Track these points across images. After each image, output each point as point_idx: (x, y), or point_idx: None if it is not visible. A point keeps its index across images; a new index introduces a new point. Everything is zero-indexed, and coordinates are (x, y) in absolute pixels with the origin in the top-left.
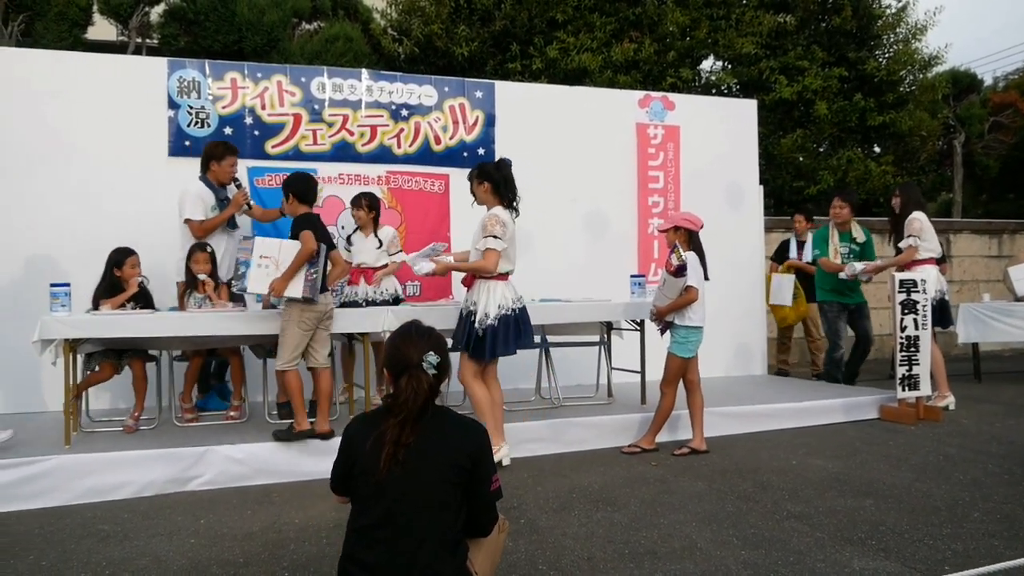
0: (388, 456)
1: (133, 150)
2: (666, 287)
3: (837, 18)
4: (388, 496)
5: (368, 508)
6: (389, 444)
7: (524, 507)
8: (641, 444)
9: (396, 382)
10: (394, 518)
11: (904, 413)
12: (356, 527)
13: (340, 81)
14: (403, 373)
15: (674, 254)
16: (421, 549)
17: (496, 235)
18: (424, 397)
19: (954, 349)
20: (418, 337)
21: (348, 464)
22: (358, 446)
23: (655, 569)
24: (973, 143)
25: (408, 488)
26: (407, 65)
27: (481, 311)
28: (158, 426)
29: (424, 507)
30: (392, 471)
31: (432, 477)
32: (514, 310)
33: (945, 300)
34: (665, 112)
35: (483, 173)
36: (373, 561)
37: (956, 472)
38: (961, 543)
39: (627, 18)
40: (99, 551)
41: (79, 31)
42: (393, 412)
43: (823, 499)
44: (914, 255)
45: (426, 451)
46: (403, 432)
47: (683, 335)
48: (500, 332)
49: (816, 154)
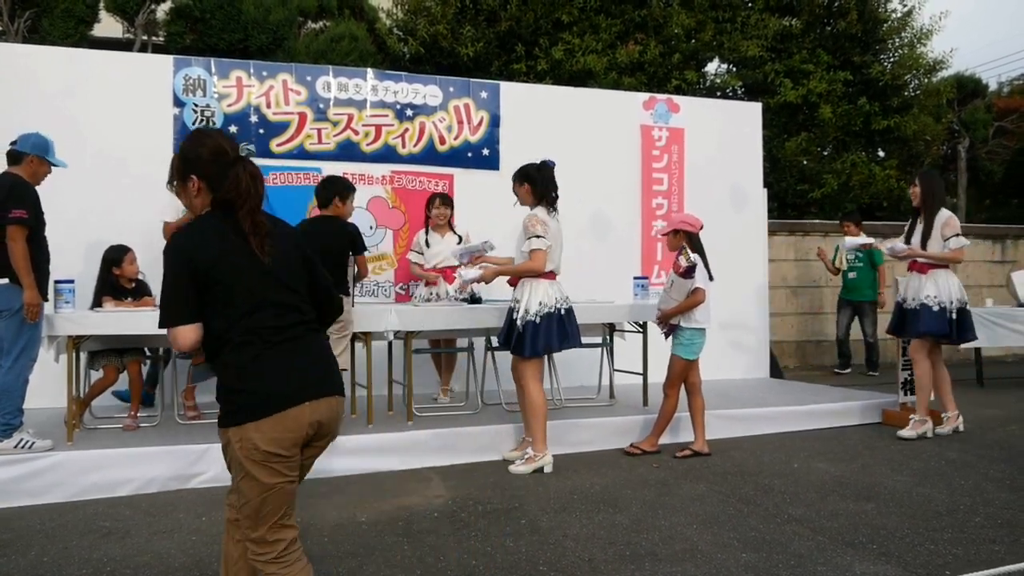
0: (260, 245)
1: (139, 148)
2: (673, 289)
3: (842, 22)
4: (268, 288)
5: (241, 313)
6: (254, 235)
7: (525, 508)
8: (643, 446)
9: (224, 178)
10: (280, 308)
11: (906, 417)
12: (238, 341)
13: (345, 80)
14: (228, 168)
15: (682, 256)
16: (318, 337)
17: (539, 234)
18: (262, 181)
19: (956, 354)
20: (216, 133)
21: (199, 282)
22: (203, 257)
23: (656, 571)
24: (977, 148)
25: (280, 274)
26: (412, 65)
27: (522, 308)
28: (160, 423)
29: (296, 291)
30: (267, 259)
31: (293, 261)
32: (559, 308)
33: (966, 310)
34: (670, 114)
35: (525, 174)
36: (283, 358)
37: (957, 477)
38: (962, 548)
39: (632, 20)
40: (100, 548)
41: (85, 28)
42: (237, 204)
43: (824, 503)
44: (963, 256)
45: (276, 236)
46: (257, 219)
47: (688, 337)
48: (542, 329)
49: (820, 157)
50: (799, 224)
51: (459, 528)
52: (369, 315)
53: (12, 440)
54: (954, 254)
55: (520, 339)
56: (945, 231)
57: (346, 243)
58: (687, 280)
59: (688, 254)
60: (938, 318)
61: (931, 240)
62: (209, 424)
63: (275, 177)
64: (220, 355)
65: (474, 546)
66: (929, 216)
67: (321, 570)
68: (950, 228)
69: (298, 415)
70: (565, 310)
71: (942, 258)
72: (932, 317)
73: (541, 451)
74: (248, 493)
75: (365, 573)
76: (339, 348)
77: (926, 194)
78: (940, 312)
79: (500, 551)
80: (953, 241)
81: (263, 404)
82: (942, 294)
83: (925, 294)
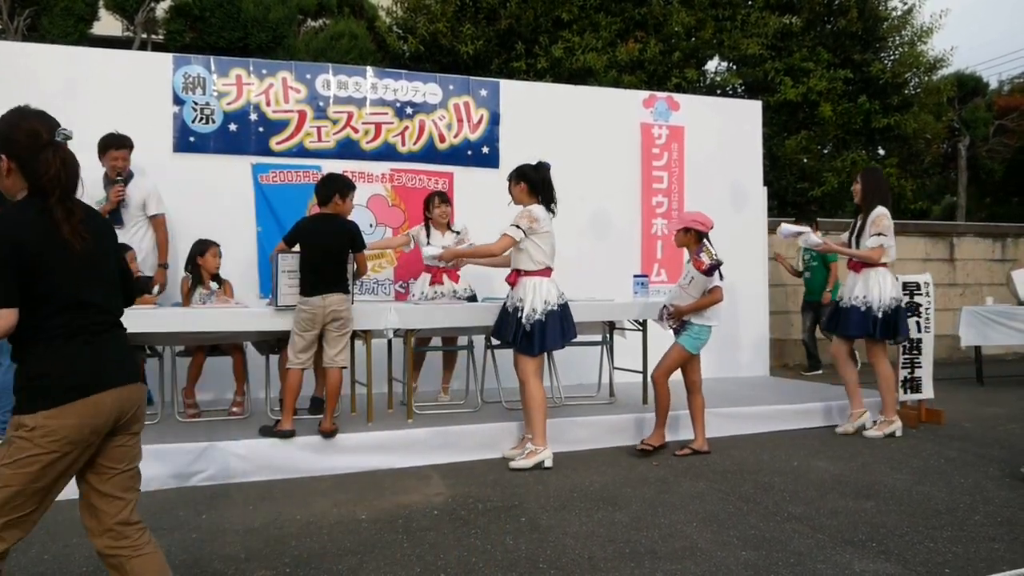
0: (75, 231)
1: (138, 146)
2: (691, 286)
3: (843, 20)
4: (78, 278)
5: (51, 301)
6: (66, 223)
7: (525, 506)
8: (651, 442)
9: (34, 162)
10: (87, 298)
11: (906, 416)
12: (45, 328)
13: (345, 78)
14: (40, 151)
15: (704, 253)
16: (122, 329)
17: (519, 225)
18: (75, 167)
19: (956, 352)
20: (34, 113)
21: (22, 268)
22: (27, 242)
23: (655, 569)
24: (978, 146)
25: (91, 264)
26: (412, 63)
27: (528, 307)
28: (160, 421)
29: (104, 283)
30: (79, 248)
31: (108, 248)
32: (559, 305)
33: (901, 308)
34: (670, 112)
35: (521, 174)
36: (88, 347)
37: (957, 475)
38: (962, 546)
39: (632, 18)
40: None
41: (85, 26)
42: (48, 191)
43: (824, 501)
44: (881, 256)
45: (88, 223)
46: (69, 207)
47: (696, 332)
48: (549, 327)
49: (820, 156)
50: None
51: (459, 526)
52: (369, 313)
53: None
54: (868, 253)
55: (529, 337)
56: (871, 228)
57: (346, 241)
58: (708, 278)
59: (711, 251)
60: (862, 319)
61: (863, 238)
62: (210, 422)
63: (275, 175)
64: (27, 342)
65: (474, 544)
66: (866, 213)
67: (322, 567)
68: (875, 227)
69: (99, 402)
70: (563, 306)
71: (859, 257)
72: (858, 317)
73: (542, 445)
74: (8, 480)
75: (365, 571)
76: (339, 346)
77: (866, 191)
78: (866, 312)
79: (500, 549)
80: (871, 240)
81: (67, 391)
82: (871, 294)
83: (855, 295)
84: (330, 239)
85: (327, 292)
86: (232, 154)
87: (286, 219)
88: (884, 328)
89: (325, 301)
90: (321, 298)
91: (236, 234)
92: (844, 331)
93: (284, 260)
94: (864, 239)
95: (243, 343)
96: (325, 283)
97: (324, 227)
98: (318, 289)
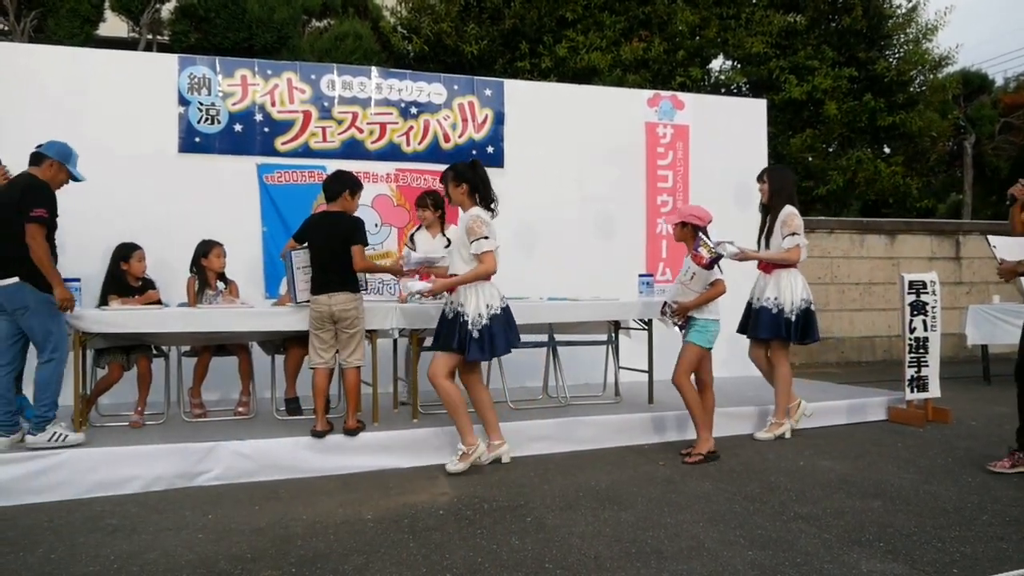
0: None
1: (144, 146)
2: (693, 281)
3: (847, 18)
4: None
5: None
6: None
7: (531, 505)
8: (700, 450)
9: None
10: None
11: (913, 415)
12: None
13: (350, 79)
14: None
15: (703, 247)
16: None
17: (485, 235)
18: None
19: (963, 351)
20: None
21: None
22: None
23: (661, 568)
24: (983, 144)
25: None
26: (416, 63)
27: (473, 312)
28: (166, 421)
29: None
30: None
31: None
32: (503, 308)
33: (811, 310)
34: (674, 111)
35: (459, 175)
36: None
37: (964, 474)
38: (969, 546)
39: (637, 17)
40: (107, 545)
41: (91, 28)
42: None
43: (831, 500)
44: (799, 256)
45: None
46: None
47: (703, 325)
48: (497, 331)
49: (825, 154)
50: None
51: (465, 526)
52: (374, 313)
53: (46, 434)
54: (787, 254)
55: (479, 343)
56: (783, 229)
57: (348, 236)
58: (709, 272)
59: (709, 245)
60: (774, 321)
61: (773, 238)
62: (216, 422)
63: (280, 176)
64: None
65: (480, 544)
66: (774, 214)
67: (327, 567)
68: (787, 227)
69: None
70: (504, 309)
71: (775, 258)
72: (769, 320)
73: (472, 443)
74: None
75: (371, 570)
76: (351, 347)
77: (772, 190)
78: (777, 315)
79: (506, 549)
80: (787, 240)
81: None
82: (783, 295)
83: (766, 296)
84: (335, 236)
85: (333, 291)
86: (237, 154)
87: (291, 219)
88: (797, 330)
89: (332, 300)
90: (328, 297)
91: (241, 234)
92: (755, 333)
93: (297, 257)
94: (774, 239)
95: (248, 343)
96: (331, 282)
97: (329, 224)
98: (325, 288)
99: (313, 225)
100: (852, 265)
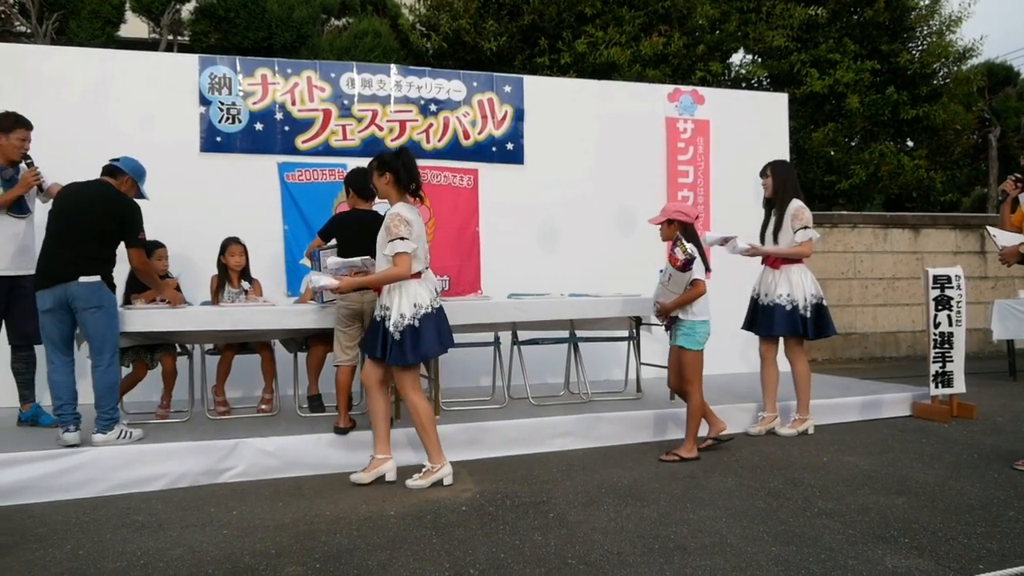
0: None
1: (166, 146)
2: (671, 282)
3: (869, 10)
4: None
5: None
6: None
7: (553, 501)
8: (680, 453)
9: None
10: None
11: (937, 410)
12: None
13: (369, 76)
14: None
15: (678, 247)
16: None
17: (403, 236)
18: None
19: (988, 346)
20: None
21: None
22: None
23: (685, 564)
24: (1009, 137)
25: None
26: (435, 60)
27: (395, 313)
28: (191, 419)
29: None
30: None
31: None
32: (433, 308)
33: (823, 305)
34: (695, 106)
35: (383, 164)
36: None
37: (990, 470)
38: (995, 542)
39: (656, 12)
40: (134, 541)
41: (112, 29)
42: None
43: (855, 496)
44: (811, 250)
45: None
46: None
47: (689, 327)
48: (423, 333)
49: (848, 148)
50: (827, 216)
51: (487, 521)
52: None
53: (114, 432)
54: (800, 248)
55: (400, 346)
56: (794, 224)
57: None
58: (685, 273)
59: (684, 246)
60: (790, 317)
61: (782, 233)
62: (239, 419)
63: (301, 174)
64: None
65: (502, 539)
66: (780, 208)
67: (351, 563)
68: (798, 220)
69: None
70: (438, 309)
71: (789, 253)
72: (784, 317)
73: (439, 462)
74: None
75: (395, 566)
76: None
77: (778, 185)
78: (792, 311)
79: (528, 544)
80: (800, 234)
81: None
82: (795, 292)
83: (778, 292)
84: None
85: (366, 289)
86: (258, 153)
87: (312, 217)
88: (812, 326)
89: (364, 297)
90: (360, 295)
91: (263, 233)
92: (769, 331)
93: (326, 255)
94: (784, 234)
95: (271, 341)
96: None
97: (357, 220)
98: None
99: (339, 222)
100: (875, 260)
